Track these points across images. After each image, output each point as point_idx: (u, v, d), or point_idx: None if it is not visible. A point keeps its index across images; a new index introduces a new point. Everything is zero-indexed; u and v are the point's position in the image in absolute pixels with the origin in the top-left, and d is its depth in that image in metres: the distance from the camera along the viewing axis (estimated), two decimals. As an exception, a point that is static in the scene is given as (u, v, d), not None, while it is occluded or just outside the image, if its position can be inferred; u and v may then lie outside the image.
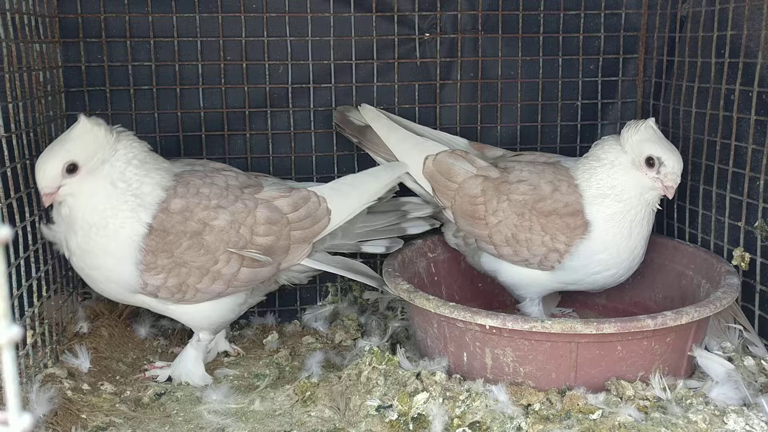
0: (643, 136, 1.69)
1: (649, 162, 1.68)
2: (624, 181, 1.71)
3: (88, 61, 1.95)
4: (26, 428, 0.48)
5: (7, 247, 1.49)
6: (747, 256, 1.73)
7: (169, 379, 1.74)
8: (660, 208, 1.78)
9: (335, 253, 1.86)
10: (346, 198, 1.77)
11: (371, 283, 1.85)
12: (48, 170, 1.50)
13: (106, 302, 1.94)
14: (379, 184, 1.82)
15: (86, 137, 1.53)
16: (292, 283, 1.85)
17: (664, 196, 1.71)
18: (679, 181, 1.67)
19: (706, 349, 1.64)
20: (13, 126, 1.54)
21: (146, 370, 1.77)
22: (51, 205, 1.58)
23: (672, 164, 1.66)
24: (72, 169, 1.51)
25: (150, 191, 1.58)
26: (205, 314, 1.70)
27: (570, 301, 2.08)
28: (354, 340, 1.93)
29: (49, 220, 1.64)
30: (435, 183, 1.85)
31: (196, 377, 1.71)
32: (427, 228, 1.96)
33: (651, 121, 1.72)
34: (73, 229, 1.56)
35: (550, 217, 1.73)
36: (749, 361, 1.61)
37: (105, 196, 1.54)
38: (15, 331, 0.47)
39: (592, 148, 1.81)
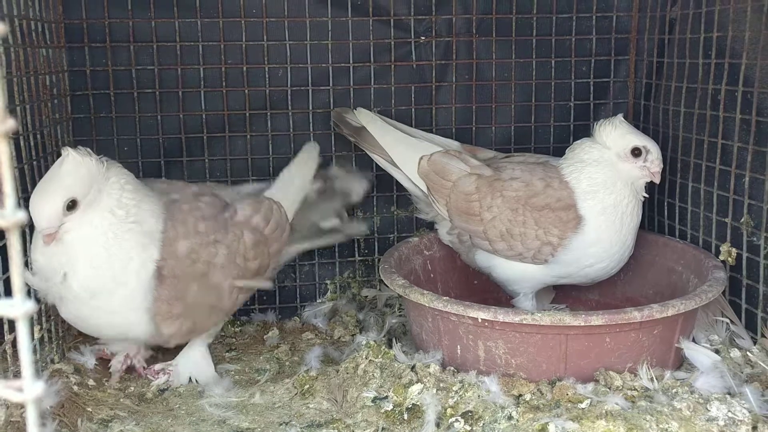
0: (622, 131, 1.81)
1: (635, 152, 1.79)
2: (613, 174, 1.79)
3: (92, 65, 2.00)
4: (39, 394, 0.53)
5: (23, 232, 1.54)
6: (734, 251, 1.78)
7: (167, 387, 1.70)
8: (647, 195, 1.85)
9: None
10: (292, 195, 1.86)
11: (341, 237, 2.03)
12: (48, 210, 1.40)
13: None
14: (308, 170, 1.93)
15: (80, 170, 1.44)
16: None
17: (651, 182, 1.82)
18: (662, 166, 1.80)
19: (693, 341, 1.68)
20: (20, 128, 1.60)
21: (148, 376, 1.73)
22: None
23: (656, 150, 1.79)
24: (72, 205, 1.43)
25: (148, 218, 1.53)
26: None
27: (563, 297, 2.12)
28: (352, 336, 1.97)
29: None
30: (430, 182, 1.90)
31: (208, 375, 1.72)
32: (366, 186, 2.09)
33: (620, 116, 1.85)
34: (75, 268, 1.47)
35: (543, 212, 1.79)
36: (735, 353, 1.65)
37: (107, 226, 1.47)
38: (29, 306, 0.52)
39: (569, 152, 1.87)
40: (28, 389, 0.53)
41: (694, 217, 1.95)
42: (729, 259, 1.78)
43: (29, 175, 1.63)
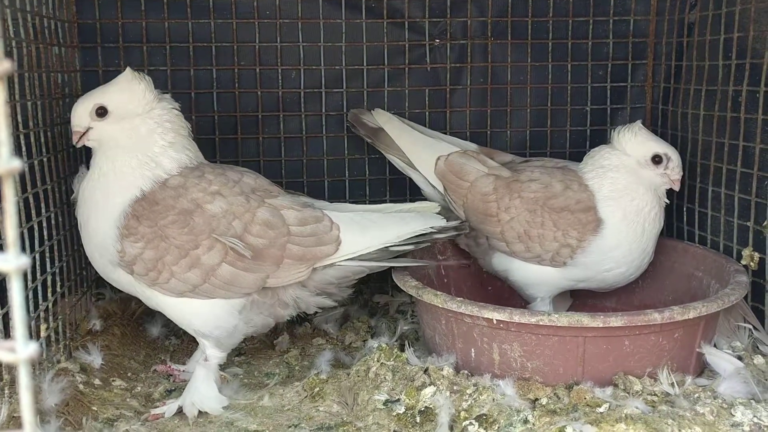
0: (642, 138, 1.79)
1: (656, 159, 1.77)
2: (635, 180, 1.77)
3: (105, 65, 2.00)
4: (32, 355, 0.50)
5: (23, 236, 1.52)
6: (756, 255, 1.74)
7: (180, 410, 1.56)
8: (667, 201, 1.83)
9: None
10: (363, 233, 1.63)
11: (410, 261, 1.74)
12: (79, 109, 1.58)
13: (119, 302, 1.98)
14: (405, 230, 1.66)
15: (123, 86, 1.58)
16: (300, 309, 1.70)
17: (670, 189, 1.80)
18: (682, 173, 1.79)
19: (715, 347, 1.63)
20: (31, 124, 1.58)
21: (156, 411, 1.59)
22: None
23: (676, 158, 1.77)
24: (101, 112, 1.56)
25: (167, 163, 1.58)
26: (192, 312, 1.59)
27: (581, 305, 2.07)
28: (364, 341, 1.93)
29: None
30: (447, 182, 1.88)
31: (212, 401, 1.56)
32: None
33: (639, 122, 1.83)
34: (89, 176, 1.60)
35: (562, 213, 1.76)
36: (759, 360, 1.61)
37: (124, 147, 1.56)
38: (24, 261, 0.49)
39: (588, 159, 1.85)
40: (21, 349, 0.50)
41: (715, 221, 1.91)
42: (751, 263, 1.74)
43: (39, 171, 1.62)
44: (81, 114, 1.57)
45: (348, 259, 1.64)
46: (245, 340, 1.97)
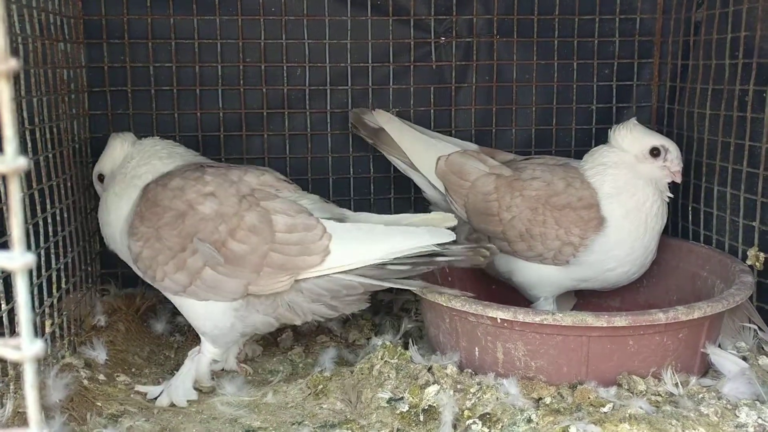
0: (638, 133, 1.80)
1: (654, 152, 1.77)
2: (635, 176, 1.77)
3: (110, 61, 2.00)
4: (38, 353, 0.50)
5: (28, 232, 1.52)
6: (762, 255, 1.73)
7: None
8: (671, 195, 1.82)
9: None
10: (357, 245, 1.53)
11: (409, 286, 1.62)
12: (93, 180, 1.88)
13: (124, 298, 1.98)
14: (406, 244, 1.52)
15: (108, 152, 1.81)
16: (299, 316, 1.63)
17: (674, 184, 1.80)
18: (682, 165, 1.79)
19: (720, 348, 1.63)
20: (36, 120, 1.58)
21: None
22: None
23: (675, 149, 1.78)
24: (101, 178, 1.82)
25: (144, 173, 1.70)
26: (190, 311, 1.63)
27: (584, 305, 2.07)
28: (367, 339, 1.93)
29: None
30: (448, 182, 1.88)
31: (180, 393, 1.59)
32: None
33: (634, 119, 1.85)
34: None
35: (564, 211, 1.76)
36: (764, 360, 1.60)
37: (118, 193, 1.72)
38: (29, 258, 0.49)
39: (588, 157, 1.85)
40: (26, 347, 0.50)
41: (720, 221, 1.91)
42: (756, 263, 1.74)
43: (44, 167, 1.62)
44: (95, 183, 1.87)
45: (339, 272, 1.55)
46: (248, 341, 1.98)
